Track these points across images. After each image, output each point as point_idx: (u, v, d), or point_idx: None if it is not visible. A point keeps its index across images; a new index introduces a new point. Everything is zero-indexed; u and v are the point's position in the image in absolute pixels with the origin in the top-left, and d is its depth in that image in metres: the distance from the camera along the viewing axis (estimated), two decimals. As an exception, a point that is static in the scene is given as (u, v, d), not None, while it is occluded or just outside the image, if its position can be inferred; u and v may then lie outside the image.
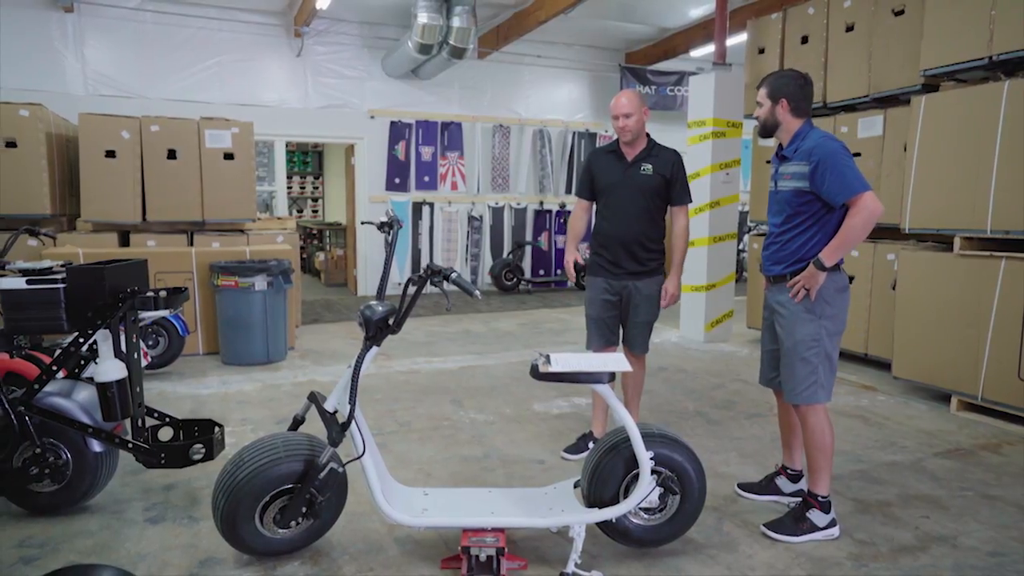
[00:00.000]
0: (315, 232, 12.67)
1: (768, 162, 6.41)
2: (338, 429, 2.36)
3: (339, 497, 2.47)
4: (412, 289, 2.44)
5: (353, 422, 2.36)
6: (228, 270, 5.38)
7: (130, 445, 2.68)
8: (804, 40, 5.94)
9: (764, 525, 2.79)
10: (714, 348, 6.33)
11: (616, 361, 2.47)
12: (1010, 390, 4.12)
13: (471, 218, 9.92)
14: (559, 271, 10.41)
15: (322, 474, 2.33)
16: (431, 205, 9.69)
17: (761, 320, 3.08)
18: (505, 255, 10.05)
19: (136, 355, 2.72)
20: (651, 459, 2.43)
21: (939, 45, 4.53)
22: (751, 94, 6.51)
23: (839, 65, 5.62)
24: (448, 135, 9.69)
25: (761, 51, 6.39)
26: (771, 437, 3.95)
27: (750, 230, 10.34)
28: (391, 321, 2.42)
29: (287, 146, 12.98)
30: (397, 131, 9.40)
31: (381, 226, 2.66)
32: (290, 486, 2.35)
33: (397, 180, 9.50)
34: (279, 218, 7.93)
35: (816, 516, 2.77)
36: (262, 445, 2.36)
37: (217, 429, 2.88)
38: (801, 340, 2.75)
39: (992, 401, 4.21)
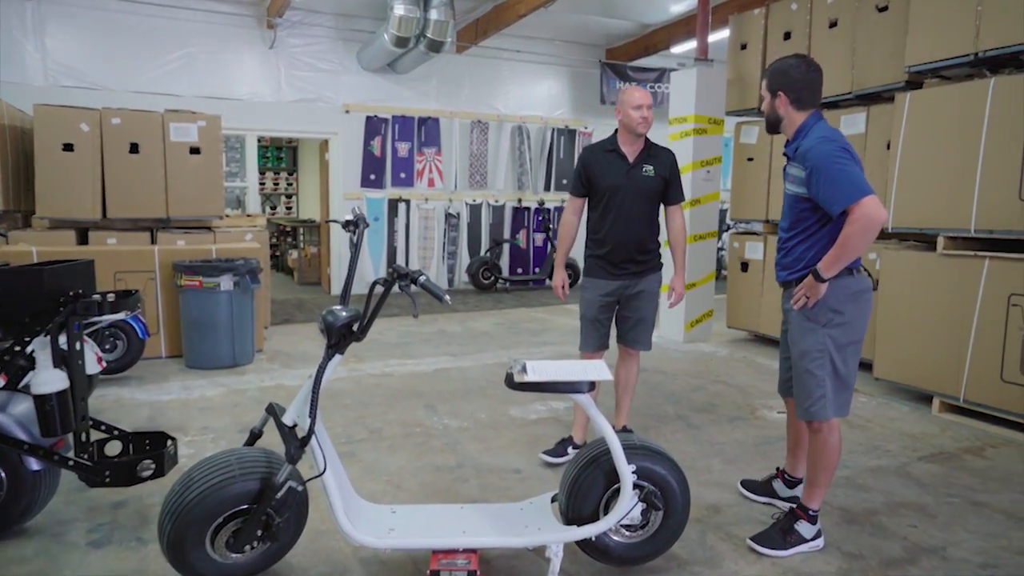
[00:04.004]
0: (288, 229, 12.40)
1: (750, 160, 6.35)
2: (297, 445, 2.19)
3: (299, 517, 2.30)
4: (379, 293, 2.28)
5: (314, 437, 2.19)
6: (192, 269, 5.16)
7: (71, 463, 2.48)
8: (787, 36, 5.84)
9: (751, 539, 2.67)
10: (694, 348, 6.23)
11: (597, 369, 2.33)
12: (993, 392, 4.05)
13: (448, 215, 9.74)
14: (537, 270, 10.27)
15: (279, 493, 2.16)
16: (407, 202, 9.49)
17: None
18: (483, 253, 9.89)
19: (80, 363, 2.52)
20: (633, 473, 2.30)
21: (924, 41, 4.45)
22: (733, 91, 6.42)
23: (822, 61, 5.35)
24: (425, 131, 9.49)
25: (743, 47, 6.29)
26: (753, 441, 3.84)
27: (728, 228, 10.31)
28: (355, 327, 2.25)
29: (260, 141, 12.68)
30: (373, 126, 9.19)
31: (346, 225, 2.48)
32: (245, 507, 2.18)
33: (372, 176, 9.29)
34: (248, 215, 7.67)
35: (803, 528, 2.66)
36: (213, 463, 2.18)
37: (170, 442, 2.69)
38: (805, 351, 2.58)
39: (974, 403, 4.15)
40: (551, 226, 10.04)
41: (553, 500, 2.51)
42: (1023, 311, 3.90)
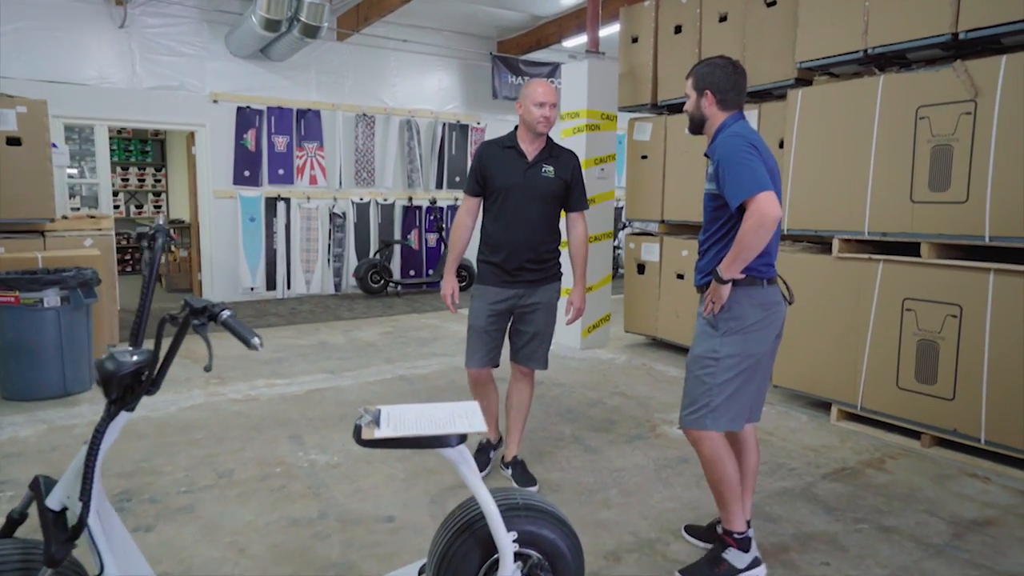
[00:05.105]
0: (156, 230, 11.22)
1: (644, 157, 6.12)
2: (63, 538, 1.61)
3: (71, 632, 1.72)
4: (175, 333, 1.74)
5: (88, 526, 1.63)
6: (5, 283, 4.31)
7: None
8: (678, 30, 5.64)
9: (679, 572, 2.41)
10: (592, 356, 5.94)
11: (468, 416, 1.89)
12: (889, 399, 3.95)
13: (333, 215, 9.05)
14: (430, 272, 9.76)
15: (35, 608, 1.58)
16: (287, 201, 8.73)
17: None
18: (371, 255, 9.27)
19: None
20: (514, 541, 1.88)
21: (814, 37, 4.30)
22: (625, 85, 6.17)
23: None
24: (305, 124, 8.76)
25: (635, 40, 6.06)
26: (655, 466, 3.54)
27: (624, 227, 10.19)
28: (144, 376, 1.70)
29: (121, 133, 11.45)
30: (246, 118, 8.36)
31: (140, 237, 1.92)
32: (-14, 629, 1.59)
33: (247, 173, 8.47)
34: (92, 216, 6.68)
35: (734, 556, 2.40)
36: (-68, 574, 1.58)
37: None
38: (698, 356, 2.41)
39: (871, 410, 4.04)
40: (444, 225, 9.56)
41: (421, 572, 2.06)
42: (916, 316, 3.81)
